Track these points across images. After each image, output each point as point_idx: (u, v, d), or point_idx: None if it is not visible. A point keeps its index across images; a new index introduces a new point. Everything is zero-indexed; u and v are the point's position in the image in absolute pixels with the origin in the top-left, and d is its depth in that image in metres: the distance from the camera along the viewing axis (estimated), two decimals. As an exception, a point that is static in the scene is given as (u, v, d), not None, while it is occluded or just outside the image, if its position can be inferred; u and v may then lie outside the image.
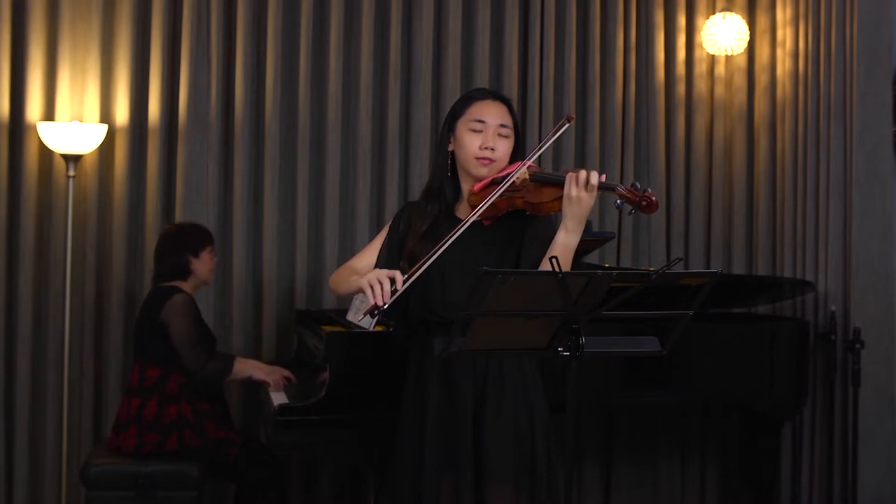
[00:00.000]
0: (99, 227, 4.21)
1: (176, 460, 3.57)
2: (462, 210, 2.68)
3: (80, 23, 4.20)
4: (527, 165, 2.60)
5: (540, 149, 2.68)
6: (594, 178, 2.43)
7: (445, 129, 2.72)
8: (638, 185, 2.40)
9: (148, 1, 4.24)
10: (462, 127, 2.66)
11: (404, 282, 2.44)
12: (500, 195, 2.54)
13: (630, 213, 2.42)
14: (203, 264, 3.79)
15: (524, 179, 2.58)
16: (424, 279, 2.50)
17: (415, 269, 2.48)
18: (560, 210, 2.49)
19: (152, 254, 4.17)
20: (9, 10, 4.12)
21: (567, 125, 2.62)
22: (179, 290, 3.69)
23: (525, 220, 2.62)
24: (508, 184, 2.54)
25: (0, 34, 4.10)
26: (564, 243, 2.49)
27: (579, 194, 2.44)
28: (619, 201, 2.42)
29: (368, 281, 2.45)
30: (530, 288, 2.22)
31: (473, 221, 2.54)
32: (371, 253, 2.77)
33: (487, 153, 2.62)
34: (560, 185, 2.48)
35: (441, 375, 2.63)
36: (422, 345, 2.68)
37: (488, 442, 2.58)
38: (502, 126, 2.65)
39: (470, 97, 2.73)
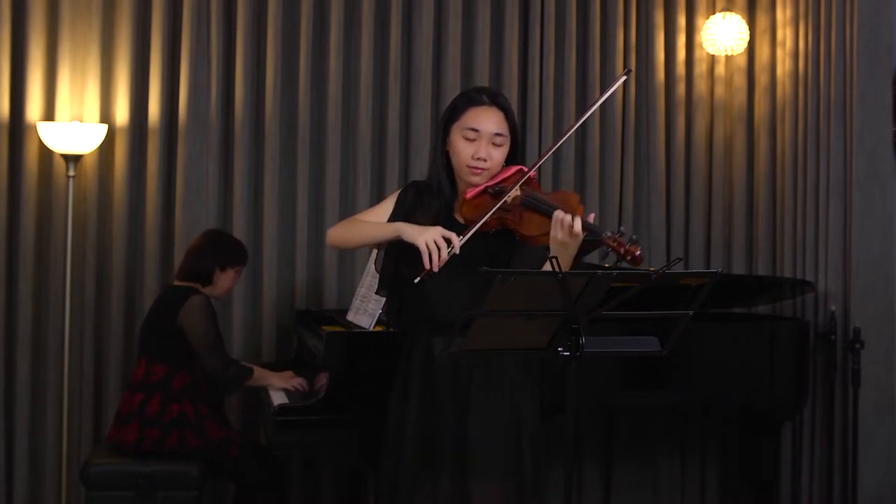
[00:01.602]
0: (99, 227, 4.21)
1: (176, 460, 3.57)
2: (459, 211, 2.68)
3: (80, 23, 4.20)
4: (519, 185, 2.54)
5: (597, 103, 2.63)
6: (577, 226, 2.36)
7: (441, 128, 2.68)
8: (623, 229, 2.35)
9: (148, 1, 4.24)
10: (456, 132, 2.63)
11: (460, 243, 2.45)
12: (493, 214, 2.52)
13: (616, 263, 2.38)
14: (224, 280, 3.81)
15: (515, 197, 2.54)
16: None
17: (467, 232, 2.48)
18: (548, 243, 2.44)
19: (153, 253, 4.20)
20: (9, 10, 4.12)
21: (625, 77, 2.59)
22: (197, 291, 3.69)
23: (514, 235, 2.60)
24: (500, 204, 2.51)
25: (0, 34, 4.10)
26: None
27: (564, 239, 2.39)
28: (604, 248, 2.37)
29: (426, 242, 2.45)
30: (530, 288, 2.22)
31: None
32: (377, 216, 2.75)
33: (479, 163, 2.59)
34: (548, 216, 2.43)
35: (426, 374, 2.65)
36: (411, 343, 2.70)
37: (473, 441, 2.59)
38: (497, 135, 2.60)
39: (467, 101, 2.65)
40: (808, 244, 4.39)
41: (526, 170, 2.58)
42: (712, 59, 4.87)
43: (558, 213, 2.39)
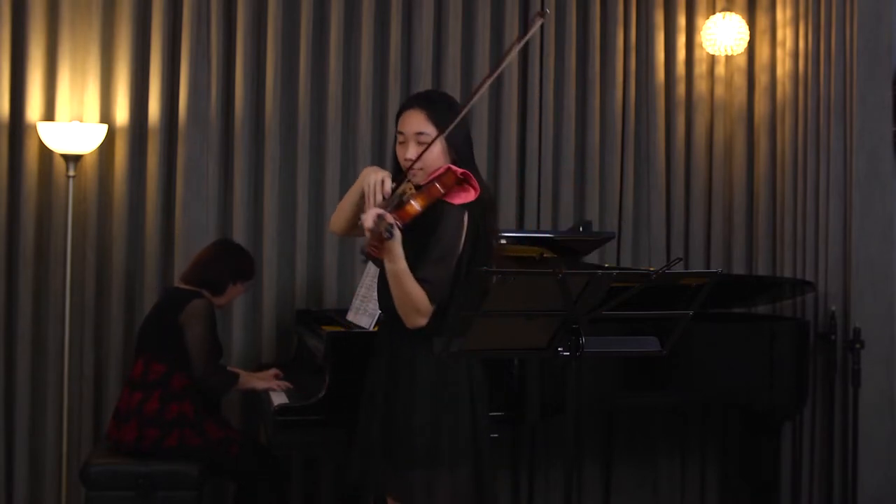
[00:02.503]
0: (99, 227, 4.21)
1: (176, 460, 3.57)
2: None
3: (80, 23, 4.20)
4: (408, 178, 2.63)
5: (512, 51, 2.71)
6: (364, 221, 2.48)
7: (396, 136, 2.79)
8: (389, 230, 2.43)
9: (148, 1, 4.24)
10: (397, 137, 2.74)
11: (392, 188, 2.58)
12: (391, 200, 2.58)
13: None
14: (234, 292, 3.85)
15: (412, 195, 2.59)
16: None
17: (403, 176, 2.61)
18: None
19: (153, 254, 4.20)
20: (9, 10, 4.12)
21: (541, 21, 2.61)
22: (201, 296, 3.70)
23: (422, 226, 2.61)
24: (401, 188, 2.60)
25: (0, 34, 4.10)
26: (388, 270, 2.56)
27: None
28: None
29: (368, 184, 2.59)
30: (530, 288, 2.22)
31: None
32: None
33: (408, 163, 2.65)
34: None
35: (370, 364, 2.77)
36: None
37: (392, 431, 2.66)
38: (419, 134, 2.65)
39: (400, 109, 2.77)
40: (808, 244, 4.39)
41: (454, 168, 2.60)
42: (712, 59, 4.87)
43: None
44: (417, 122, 2.66)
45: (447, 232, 2.57)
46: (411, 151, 2.64)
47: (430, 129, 2.65)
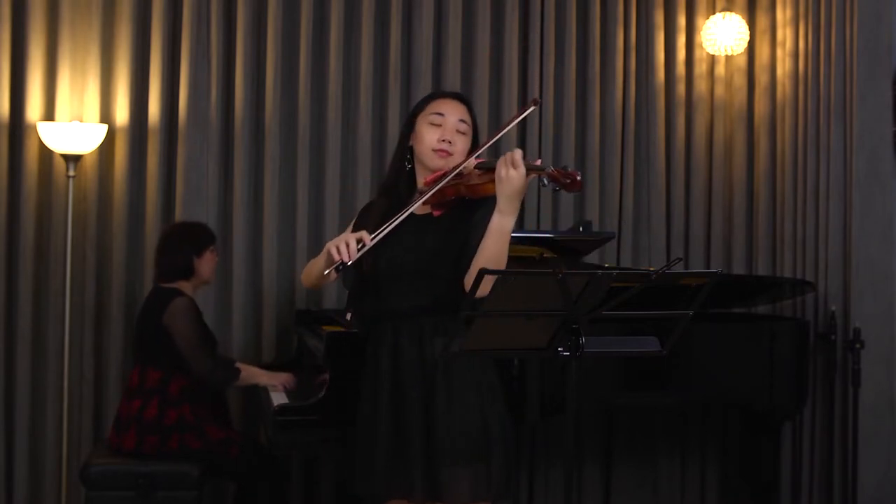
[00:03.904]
0: (99, 227, 4.21)
1: (176, 460, 3.57)
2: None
3: (80, 23, 4.20)
4: (475, 156, 2.64)
5: (504, 129, 2.71)
6: (517, 154, 2.42)
7: (406, 125, 2.77)
8: (567, 167, 2.40)
9: (148, 1, 4.25)
10: (422, 121, 2.70)
11: (372, 239, 2.50)
12: (448, 182, 2.56)
13: (555, 190, 2.40)
14: (205, 264, 3.80)
15: (471, 169, 2.61)
16: (376, 272, 2.61)
17: (383, 227, 2.53)
18: (494, 192, 2.47)
19: (152, 254, 4.18)
20: (9, 10, 4.12)
21: (532, 108, 2.64)
22: (180, 293, 3.69)
23: (471, 207, 2.61)
24: (457, 171, 2.56)
25: (0, 34, 4.10)
26: (499, 226, 2.45)
27: (508, 173, 2.41)
28: (545, 180, 2.40)
29: (335, 244, 2.51)
30: (530, 288, 2.22)
31: (425, 214, 2.63)
32: None
33: (445, 146, 2.65)
34: (493, 169, 2.49)
35: (394, 371, 2.67)
36: (377, 338, 2.72)
37: (439, 430, 2.60)
38: (461, 121, 2.69)
39: (432, 95, 2.80)
40: (808, 244, 4.39)
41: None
42: (712, 59, 4.87)
43: (504, 155, 2.45)
44: (461, 111, 2.70)
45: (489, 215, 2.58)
46: (449, 134, 2.65)
47: (469, 122, 2.72)
